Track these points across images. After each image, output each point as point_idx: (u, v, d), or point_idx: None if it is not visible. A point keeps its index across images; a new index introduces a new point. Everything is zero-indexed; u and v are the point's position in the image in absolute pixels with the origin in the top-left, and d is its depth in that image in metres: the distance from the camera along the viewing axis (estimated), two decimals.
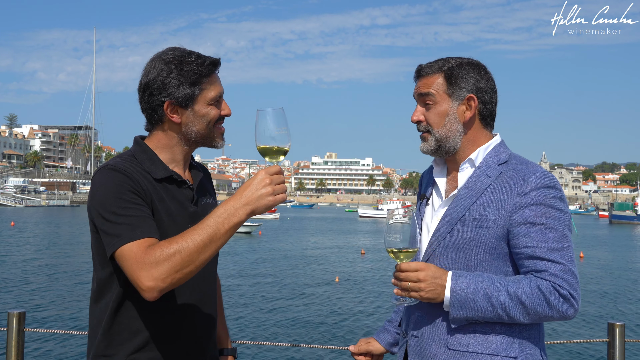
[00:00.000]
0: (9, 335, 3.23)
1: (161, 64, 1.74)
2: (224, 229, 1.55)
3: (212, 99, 1.78)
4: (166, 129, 1.80)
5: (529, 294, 1.64)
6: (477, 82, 1.82)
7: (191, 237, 1.53)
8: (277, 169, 1.62)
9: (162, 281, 1.50)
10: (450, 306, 1.70)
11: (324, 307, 16.05)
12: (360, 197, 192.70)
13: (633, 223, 74.74)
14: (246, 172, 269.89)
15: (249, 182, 1.60)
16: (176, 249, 1.52)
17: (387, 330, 2.13)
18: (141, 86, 1.77)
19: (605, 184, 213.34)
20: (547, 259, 1.65)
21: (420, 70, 1.87)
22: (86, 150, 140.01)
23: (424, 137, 1.86)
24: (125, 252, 1.55)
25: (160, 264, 1.50)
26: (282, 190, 1.60)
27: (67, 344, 11.24)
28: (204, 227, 1.54)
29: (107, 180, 1.65)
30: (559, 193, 1.72)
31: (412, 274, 1.71)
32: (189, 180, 1.85)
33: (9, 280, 18.90)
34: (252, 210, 1.58)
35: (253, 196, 1.57)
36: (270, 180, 1.58)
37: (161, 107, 1.75)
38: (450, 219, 1.79)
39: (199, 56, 1.77)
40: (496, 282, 1.67)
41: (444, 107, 1.82)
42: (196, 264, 1.54)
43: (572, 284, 1.65)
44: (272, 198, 1.58)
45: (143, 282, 1.50)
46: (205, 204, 1.87)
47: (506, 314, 1.66)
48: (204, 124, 1.78)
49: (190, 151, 1.86)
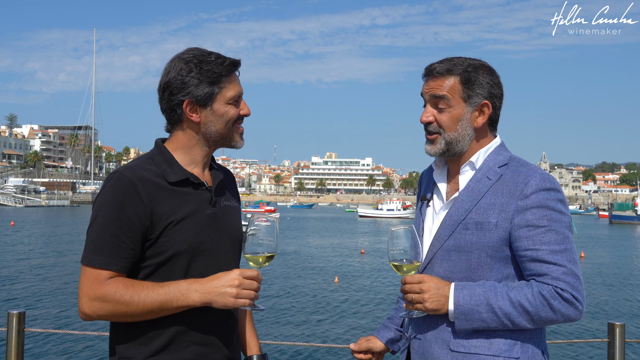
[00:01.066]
0: (9, 335, 3.23)
1: (181, 63, 1.75)
2: (176, 305, 1.64)
3: (231, 98, 1.78)
4: (185, 129, 1.80)
5: (532, 300, 1.65)
6: (491, 88, 1.81)
7: (145, 296, 1.62)
8: (254, 275, 1.68)
9: (97, 316, 1.63)
10: (455, 318, 1.70)
11: (324, 306, 16.05)
12: (360, 197, 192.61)
13: (633, 223, 74.74)
14: (246, 171, 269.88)
15: (222, 275, 1.67)
16: (127, 300, 1.61)
17: (387, 327, 2.13)
18: (161, 86, 1.78)
19: (605, 184, 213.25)
20: (550, 261, 1.66)
21: (432, 70, 1.82)
22: (86, 150, 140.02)
23: (433, 139, 1.83)
24: (84, 272, 1.66)
25: (104, 305, 1.61)
26: (249, 296, 1.66)
27: (67, 344, 11.23)
28: (162, 293, 1.62)
29: (112, 191, 1.68)
30: (559, 195, 1.72)
31: (415, 286, 1.72)
32: (208, 181, 1.84)
33: (9, 280, 18.89)
34: (209, 301, 1.65)
35: (216, 290, 1.64)
36: (239, 283, 1.65)
37: (180, 107, 1.76)
38: (452, 222, 1.78)
39: (219, 56, 1.77)
40: (499, 291, 1.67)
41: (458, 112, 1.79)
42: (135, 318, 1.65)
43: (575, 286, 1.65)
44: (233, 300, 1.65)
45: (83, 307, 1.63)
46: (225, 206, 1.86)
47: (511, 322, 1.67)
48: (223, 123, 1.79)
49: (210, 152, 1.85)
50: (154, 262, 1.69)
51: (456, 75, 1.79)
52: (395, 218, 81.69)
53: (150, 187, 1.69)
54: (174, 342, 1.70)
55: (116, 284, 1.62)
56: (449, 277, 1.77)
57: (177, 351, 1.70)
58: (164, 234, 1.68)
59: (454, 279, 1.76)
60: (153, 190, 1.69)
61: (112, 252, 1.64)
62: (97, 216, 1.67)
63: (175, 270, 1.70)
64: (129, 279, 1.66)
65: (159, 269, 1.70)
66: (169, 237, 1.69)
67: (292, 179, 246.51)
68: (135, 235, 1.66)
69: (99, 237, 1.65)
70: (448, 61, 1.81)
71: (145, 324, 1.68)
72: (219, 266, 1.74)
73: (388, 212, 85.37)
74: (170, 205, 1.71)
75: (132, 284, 1.63)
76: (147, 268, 1.70)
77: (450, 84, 1.79)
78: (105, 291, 1.61)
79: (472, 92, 1.78)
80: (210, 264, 1.75)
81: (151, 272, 1.70)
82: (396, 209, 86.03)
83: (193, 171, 1.80)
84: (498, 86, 1.83)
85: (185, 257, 1.71)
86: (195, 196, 1.77)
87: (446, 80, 1.79)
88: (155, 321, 1.68)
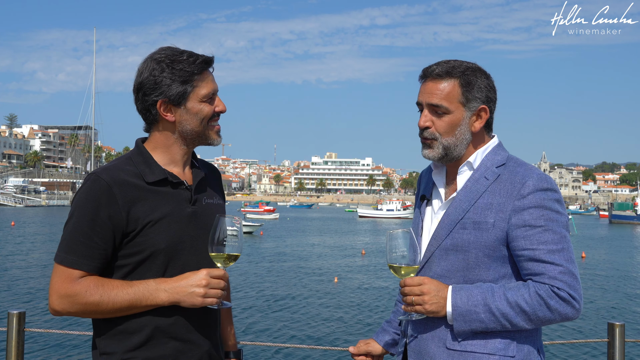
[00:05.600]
0: (9, 335, 3.23)
1: (153, 64, 1.75)
2: (145, 304, 1.68)
3: (205, 96, 1.78)
4: (162, 129, 1.81)
5: (529, 300, 1.65)
6: (488, 92, 1.81)
7: (115, 295, 1.65)
8: (220, 274, 1.71)
9: (67, 313, 1.68)
10: (453, 320, 1.71)
11: (323, 307, 16.04)
12: (360, 197, 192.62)
13: (633, 223, 74.71)
14: (246, 172, 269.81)
15: (190, 274, 1.70)
16: (96, 300, 1.65)
17: (385, 330, 2.14)
18: (135, 87, 1.79)
19: (605, 184, 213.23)
20: (547, 261, 1.66)
21: (431, 72, 1.80)
22: (86, 150, 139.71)
23: (430, 144, 1.82)
24: (56, 269, 1.69)
25: (74, 302, 1.65)
26: (215, 295, 1.69)
27: (67, 344, 11.23)
28: (130, 292, 1.67)
29: (87, 192, 1.70)
30: (556, 195, 1.73)
31: (415, 288, 1.72)
32: (188, 180, 1.84)
33: (9, 280, 18.90)
34: (177, 300, 1.68)
35: (185, 290, 1.68)
36: (207, 283, 1.68)
37: (155, 107, 1.77)
38: (449, 222, 1.79)
39: (191, 54, 1.78)
40: (496, 292, 1.68)
41: (456, 117, 1.78)
42: (105, 315, 1.69)
43: (572, 284, 1.66)
44: (201, 300, 1.68)
45: (53, 304, 1.68)
46: (207, 204, 1.86)
47: (509, 322, 1.67)
48: (198, 121, 1.79)
49: (189, 151, 1.86)
50: (133, 260, 1.72)
51: (455, 78, 1.78)
52: (395, 218, 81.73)
53: (126, 188, 1.71)
54: (153, 337, 1.72)
55: (87, 284, 1.66)
56: (447, 277, 1.78)
57: (156, 347, 1.72)
58: (141, 234, 1.70)
59: (451, 278, 1.77)
60: (130, 191, 1.71)
61: (84, 253, 1.67)
62: (72, 216, 1.70)
63: (154, 269, 1.72)
64: (99, 278, 1.69)
65: (138, 267, 1.72)
66: (147, 237, 1.71)
67: (292, 179, 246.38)
68: (108, 237, 1.68)
69: (72, 237, 1.68)
70: (445, 63, 1.79)
71: (124, 319, 1.71)
72: (200, 264, 1.76)
73: (388, 212, 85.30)
74: (149, 205, 1.72)
75: (102, 284, 1.67)
76: (126, 267, 1.72)
77: (449, 87, 1.77)
78: (75, 290, 1.65)
79: (471, 95, 1.78)
80: (191, 261, 1.77)
81: (130, 271, 1.72)
82: (396, 209, 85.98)
83: (172, 170, 1.81)
84: (493, 90, 1.83)
85: (164, 256, 1.73)
86: (174, 195, 1.78)
87: (445, 83, 1.78)
88: (134, 317, 1.70)
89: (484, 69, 1.84)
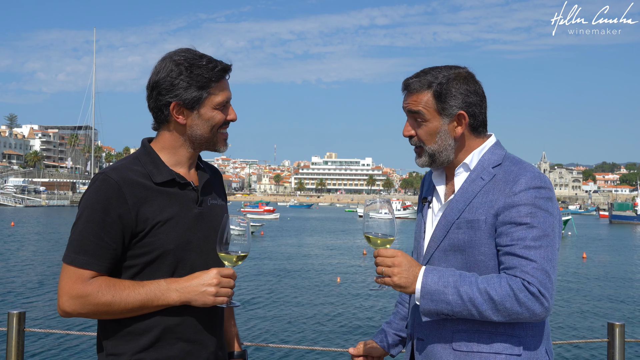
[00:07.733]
0: (9, 335, 3.23)
1: (172, 65, 1.75)
2: (156, 304, 1.68)
3: (219, 104, 1.79)
4: (172, 130, 1.81)
5: (499, 290, 1.64)
6: (466, 97, 1.81)
7: (127, 296, 1.65)
8: (230, 273, 1.72)
9: (77, 314, 1.66)
10: (420, 298, 1.70)
11: (324, 308, 16.05)
12: (360, 197, 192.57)
13: (633, 223, 74.75)
14: (246, 171, 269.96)
15: (200, 274, 1.71)
16: (108, 300, 1.64)
17: (385, 332, 2.15)
18: (150, 84, 1.79)
19: (605, 184, 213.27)
20: (522, 256, 1.66)
21: (408, 86, 1.86)
22: (86, 150, 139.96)
23: (418, 152, 1.88)
24: (66, 270, 1.67)
25: (86, 303, 1.64)
26: (226, 294, 1.71)
27: (67, 344, 11.23)
28: (142, 292, 1.66)
29: (97, 192, 1.69)
30: (548, 193, 1.72)
31: (387, 259, 1.72)
32: (194, 181, 1.85)
33: (9, 280, 18.90)
34: (188, 300, 1.69)
35: (196, 289, 1.68)
36: (218, 282, 1.69)
37: (167, 108, 1.77)
38: (446, 222, 1.81)
39: (210, 60, 1.78)
40: (467, 277, 1.68)
41: (434, 125, 1.82)
42: (116, 316, 1.68)
43: (544, 282, 1.64)
44: (213, 299, 1.69)
45: (63, 305, 1.65)
46: (212, 205, 1.87)
47: (475, 309, 1.65)
48: (208, 127, 1.80)
49: (195, 154, 1.87)
50: (142, 261, 1.71)
51: (429, 90, 1.81)
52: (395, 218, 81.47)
53: (135, 188, 1.71)
54: (161, 339, 1.72)
55: (99, 284, 1.65)
56: None
57: (164, 348, 1.72)
58: (150, 234, 1.70)
59: None
60: (139, 191, 1.71)
61: (95, 253, 1.66)
62: (81, 216, 1.69)
63: (163, 269, 1.72)
64: (110, 279, 1.68)
65: (146, 267, 1.72)
66: (156, 237, 1.71)
67: (292, 179, 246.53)
68: (118, 237, 1.68)
69: (82, 237, 1.67)
70: (423, 75, 1.83)
71: (132, 320, 1.70)
72: (207, 264, 1.77)
73: None
74: (157, 205, 1.72)
75: (113, 284, 1.66)
76: (134, 267, 1.72)
77: (423, 98, 1.82)
78: (87, 290, 1.64)
79: (446, 104, 1.80)
80: (199, 262, 1.77)
81: (139, 271, 1.72)
82: (396, 209, 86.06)
83: (179, 171, 1.82)
84: (475, 93, 1.83)
85: (172, 257, 1.73)
86: (181, 196, 1.78)
87: (420, 95, 1.82)
88: (142, 318, 1.70)
89: (465, 73, 1.84)
